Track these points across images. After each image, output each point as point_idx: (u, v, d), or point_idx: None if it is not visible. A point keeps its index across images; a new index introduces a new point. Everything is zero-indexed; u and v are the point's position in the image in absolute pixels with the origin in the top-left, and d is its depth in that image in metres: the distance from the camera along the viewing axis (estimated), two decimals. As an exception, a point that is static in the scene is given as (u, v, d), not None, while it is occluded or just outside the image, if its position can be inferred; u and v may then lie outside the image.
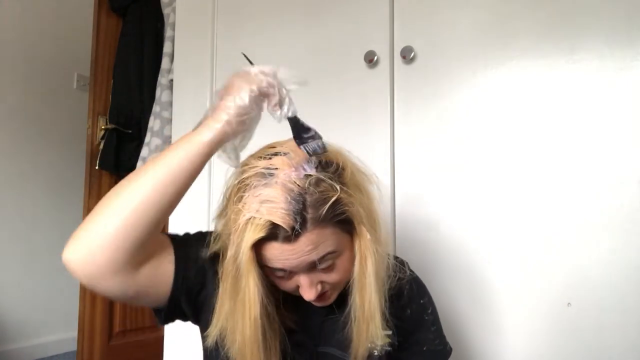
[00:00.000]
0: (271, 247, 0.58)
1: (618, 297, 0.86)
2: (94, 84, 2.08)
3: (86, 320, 1.98)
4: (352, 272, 0.64)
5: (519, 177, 0.95)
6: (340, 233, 0.61)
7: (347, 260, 0.63)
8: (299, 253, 0.58)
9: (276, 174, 0.59)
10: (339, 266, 0.63)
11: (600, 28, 0.90)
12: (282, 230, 0.57)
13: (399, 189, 1.07)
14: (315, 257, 0.59)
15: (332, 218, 0.59)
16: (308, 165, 0.60)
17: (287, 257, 0.59)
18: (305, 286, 0.62)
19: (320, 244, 0.59)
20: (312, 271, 0.61)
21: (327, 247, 0.60)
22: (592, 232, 0.88)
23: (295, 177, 0.58)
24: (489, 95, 0.99)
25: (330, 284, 0.64)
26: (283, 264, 0.60)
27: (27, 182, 2.33)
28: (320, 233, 0.59)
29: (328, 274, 0.63)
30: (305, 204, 0.57)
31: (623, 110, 0.88)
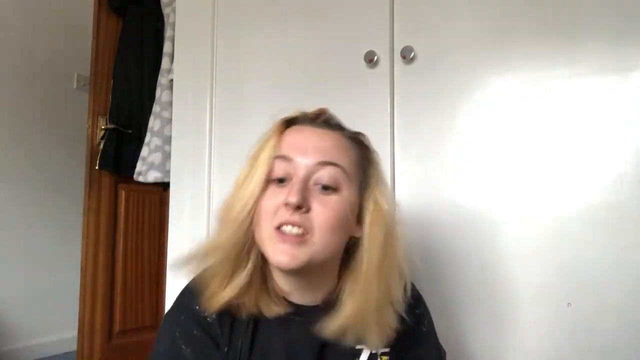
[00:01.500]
0: (299, 129, 0.62)
1: (618, 297, 0.86)
2: (94, 84, 2.08)
3: (86, 320, 1.99)
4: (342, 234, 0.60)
5: (519, 177, 0.95)
6: (356, 177, 0.62)
7: (343, 210, 0.59)
8: (320, 142, 0.60)
9: None
10: (338, 202, 0.59)
11: (601, 28, 0.90)
12: (324, 116, 0.63)
13: (399, 189, 1.07)
14: (329, 154, 0.59)
15: (362, 160, 0.64)
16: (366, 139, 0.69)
17: (303, 137, 0.60)
18: (295, 186, 0.57)
19: (340, 151, 0.61)
20: (310, 179, 0.59)
21: (344, 161, 0.60)
22: (592, 232, 0.88)
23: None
24: (489, 95, 0.99)
25: (318, 217, 0.57)
26: (294, 146, 0.60)
27: (27, 182, 2.34)
28: (349, 146, 0.62)
29: (325, 198, 0.58)
30: (358, 135, 0.67)
31: (623, 110, 0.88)
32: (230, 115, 1.32)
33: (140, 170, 1.96)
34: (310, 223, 0.57)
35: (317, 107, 0.65)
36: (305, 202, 0.57)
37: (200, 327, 0.61)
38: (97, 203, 2.05)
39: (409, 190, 1.06)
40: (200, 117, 1.35)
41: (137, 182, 2.02)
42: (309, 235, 0.57)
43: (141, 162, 1.97)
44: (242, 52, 1.31)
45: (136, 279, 2.17)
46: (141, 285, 2.18)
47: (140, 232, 2.19)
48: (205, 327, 0.61)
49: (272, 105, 1.25)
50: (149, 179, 1.92)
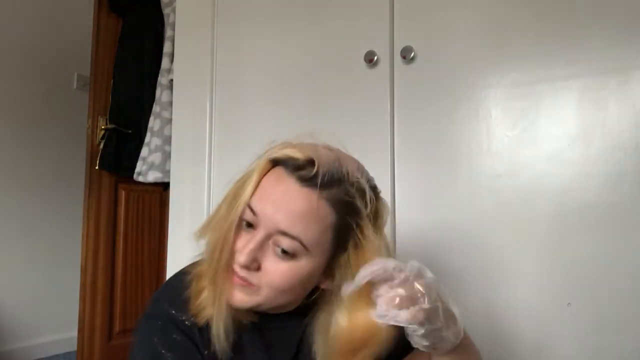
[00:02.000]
0: (281, 176, 0.56)
1: (618, 297, 0.86)
2: (94, 84, 2.08)
3: (86, 320, 1.99)
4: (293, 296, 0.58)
5: (518, 177, 0.95)
6: (328, 244, 0.56)
7: (304, 275, 0.56)
8: (287, 205, 0.54)
9: (343, 153, 0.60)
10: (293, 268, 0.56)
11: (601, 28, 0.90)
12: (309, 168, 0.55)
13: (399, 189, 1.07)
14: (289, 226, 0.54)
15: (342, 220, 0.56)
16: (367, 182, 0.59)
17: (275, 195, 0.55)
18: (247, 247, 0.55)
19: (309, 220, 0.54)
20: (268, 239, 0.56)
21: (307, 235, 0.54)
22: (592, 232, 0.88)
23: (352, 168, 0.58)
24: (489, 94, 0.99)
25: (266, 278, 0.56)
26: (262, 203, 0.55)
27: (27, 182, 2.34)
28: (323, 213, 0.55)
29: (278, 262, 0.56)
30: (340, 183, 0.56)
31: (623, 109, 0.88)
32: (230, 115, 1.32)
33: (140, 170, 1.96)
34: (257, 280, 0.57)
35: (311, 154, 0.55)
36: (255, 262, 0.56)
37: (180, 331, 0.60)
38: (97, 203, 2.05)
39: (409, 190, 1.06)
40: (200, 117, 1.35)
41: (137, 182, 2.02)
42: (255, 288, 0.57)
43: (141, 162, 1.97)
44: (242, 52, 1.31)
45: (136, 279, 2.17)
46: (141, 285, 2.18)
47: (140, 232, 2.19)
48: (184, 330, 0.60)
49: (272, 105, 1.25)
50: (149, 179, 1.93)
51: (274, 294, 0.57)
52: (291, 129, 1.18)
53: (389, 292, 0.50)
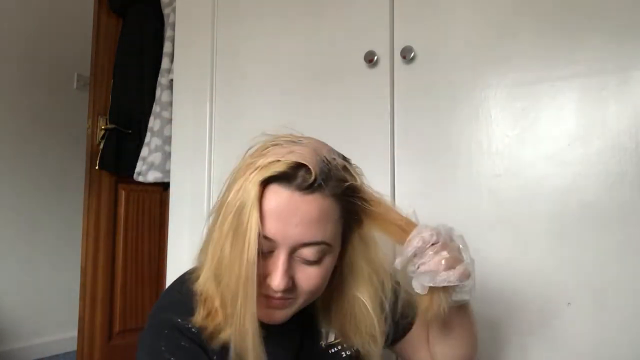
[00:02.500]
0: (279, 193, 0.53)
1: (618, 297, 0.86)
2: (94, 84, 2.08)
3: (86, 320, 1.99)
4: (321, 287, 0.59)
5: (518, 177, 0.95)
6: (340, 232, 0.59)
7: (331, 266, 0.59)
8: (301, 217, 0.53)
9: (308, 143, 0.59)
10: (324, 267, 0.57)
11: (601, 28, 0.90)
12: (302, 174, 0.53)
13: (399, 189, 1.07)
14: (311, 235, 0.54)
15: (346, 207, 0.57)
16: (338, 155, 0.60)
17: (284, 214, 0.53)
18: (279, 269, 0.55)
19: (325, 221, 0.55)
20: (294, 253, 0.56)
21: (327, 234, 0.56)
22: (592, 232, 0.88)
23: (327, 152, 0.58)
24: (489, 94, 0.99)
25: (303, 287, 0.57)
26: (274, 227, 0.53)
27: (27, 182, 2.34)
28: (333, 208, 0.56)
29: (310, 269, 0.57)
30: (330, 173, 0.56)
31: (623, 109, 0.88)
32: (230, 115, 1.32)
33: (140, 170, 1.96)
34: (294, 293, 0.58)
35: (296, 159, 0.54)
36: (289, 281, 0.56)
37: (186, 337, 0.60)
38: (97, 203, 2.05)
39: (409, 190, 1.06)
40: (200, 117, 1.35)
41: (137, 182, 2.02)
42: (293, 299, 0.59)
43: (141, 162, 1.97)
44: (242, 52, 1.31)
45: (136, 279, 2.17)
46: (141, 285, 2.18)
47: (140, 232, 2.19)
48: (191, 337, 0.60)
49: (271, 105, 1.25)
50: (149, 179, 1.93)
51: (310, 296, 0.60)
52: (291, 129, 1.18)
53: (434, 257, 0.55)
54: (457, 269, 0.56)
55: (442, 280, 0.55)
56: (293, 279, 0.57)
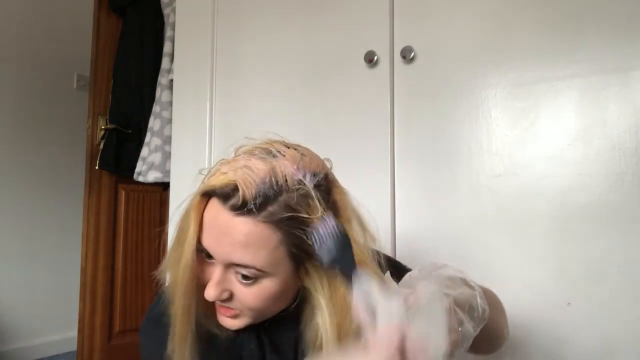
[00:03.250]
0: (215, 207, 0.53)
1: (618, 297, 0.86)
2: (94, 84, 2.08)
3: (86, 320, 1.99)
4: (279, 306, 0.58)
5: (518, 177, 0.95)
6: (285, 258, 0.54)
7: (276, 290, 0.56)
8: (230, 237, 0.52)
9: (278, 158, 0.54)
10: (261, 289, 0.55)
11: (601, 28, 0.90)
12: (236, 196, 0.51)
13: (399, 189, 1.07)
14: (238, 258, 0.53)
15: (290, 235, 0.52)
16: (310, 177, 0.54)
17: (216, 230, 0.53)
18: (212, 280, 0.55)
19: (255, 246, 0.52)
20: (229, 269, 0.55)
21: (258, 260, 0.52)
22: (592, 232, 0.88)
23: (290, 172, 0.53)
24: (489, 94, 0.99)
25: (240, 302, 0.56)
26: (207, 240, 0.54)
27: (27, 182, 2.34)
28: (266, 235, 0.52)
29: (244, 288, 0.55)
30: (277, 198, 0.52)
31: (623, 109, 0.88)
32: (230, 115, 1.32)
33: (140, 170, 1.96)
34: (237, 304, 0.57)
35: (236, 178, 0.52)
36: (225, 292, 0.56)
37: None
38: (97, 203, 2.05)
39: (409, 189, 1.06)
40: (200, 117, 1.35)
41: (137, 182, 2.02)
42: (240, 312, 0.58)
43: (141, 162, 1.97)
44: (242, 52, 1.31)
45: (136, 279, 2.17)
46: (141, 285, 2.18)
47: (140, 232, 2.19)
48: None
49: (271, 105, 1.25)
50: (149, 179, 1.93)
51: (256, 313, 0.58)
52: (291, 129, 1.18)
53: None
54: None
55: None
56: (231, 292, 0.56)
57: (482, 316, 0.51)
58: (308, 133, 1.17)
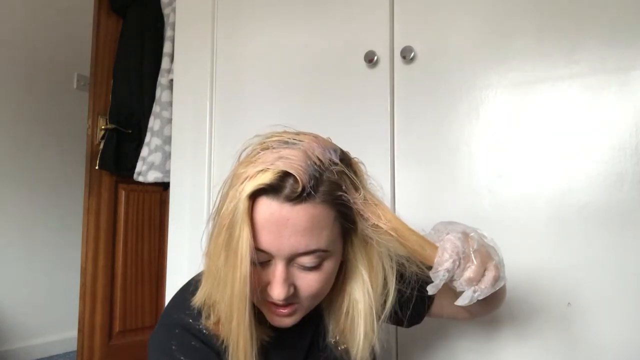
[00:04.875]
0: (268, 205, 0.52)
1: (618, 297, 0.86)
2: (94, 84, 2.08)
3: (86, 320, 1.99)
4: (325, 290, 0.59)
5: (518, 176, 0.95)
6: (339, 234, 0.57)
7: (334, 269, 0.58)
8: (292, 227, 0.52)
9: (302, 142, 0.55)
10: (324, 272, 0.57)
11: (601, 28, 0.90)
12: (290, 184, 0.51)
13: (399, 189, 1.07)
14: (305, 245, 0.53)
15: (341, 210, 0.55)
16: (334, 153, 0.56)
17: (275, 226, 0.52)
18: (277, 279, 0.55)
19: (318, 228, 0.53)
20: (292, 262, 0.55)
21: (322, 241, 0.54)
22: (592, 232, 0.88)
23: (320, 152, 0.54)
24: (489, 94, 0.99)
25: (304, 292, 0.57)
26: (267, 240, 0.53)
27: (27, 182, 2.34)
28: (325, 214, 0.54)
29: (309, 275, 0.56)
30: (322, 177, 0.53)
31: (623, 109, 0.88)
32: (230, 115, 1.32)
33: (140, 170, 1.96)
34: (296, 299, 0.58)
35: (284, 167, 0.52)
36: (289, 289, 0.56)
37: (197, 339, 0.60)
38: (97, 203, 2.05)
39: (409, 190, 1.06)
40: (200, 117, 1.35)
41: (137, 182, 2.02)
42: (299, 305, 0.59)
43: (141, 162, 1.97)
44: (242, 52, 1.31)
45: (136, 279, 2.17)
46: (141, 285, 2.18)
47: (140, 232, 2.19)
48: (202, 338, 0.60)
49: (272, 105, 1.25)
50: (149, 179, 1.93)
51: (315, 300, 0.60)
52: (284, 126, 1.18)
53: (462, 274, 0.54)
54: (487, 278, 0.54)
55: (477, 297, 0.54)
56: (294, 285, 0.57)
57: (502, 264, 0.57)
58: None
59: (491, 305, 0.76)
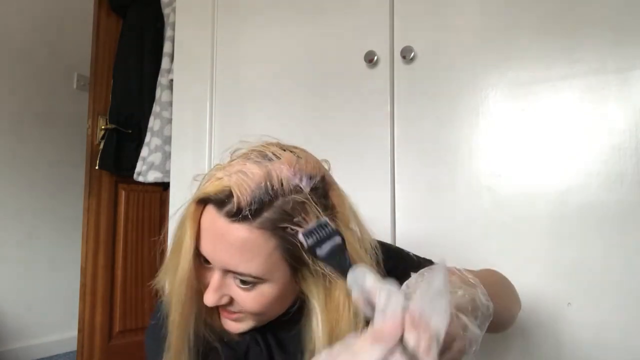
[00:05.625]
0: (210, 214, 0.53)
1: (618, 297, 0.86)
2: (94, 84, 2.08)
3: (86, 320, 1.99)
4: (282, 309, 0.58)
5: (517, 176, 0.95)
6: (282, 263, 0.53)
7: (275, 295, 0.55)
8: (226, 243, 0.51)
9: (274, 162, 0.53)
10: (259, 294, 0.55)
11: (601, 28, 0.90)
12: (232, 203, 0.50)
13: (399, 189, 1.07)
14: (234, 265, 0.52)
15: (286, 240, 0.52)
16: (307, 180, 0.53)
17: (212, 236, 0.52)
18: (210, 286, 0.55)
19: (249, 253, 0.51)
20: (227, 274, 0.55)
21: (252, 267, 0.52)
22: (592, 232, 0.88)
23: (286, 176, 0.52)
24: (489, 94, 0.99)
25: (240, 306, 0.56)
26: (205, 246, 0.54)
27: (27, 182, 2.34)
28: (261, 241, 0.51)
29: (243, 293, 0.55)
30: (272, 203, 0.51)
31: (623, 109, 0.88)
32: (230, 115, 1.32)
33: (140, 170, 1.96)
34: (238, 308, 0.57)
35: (231, 184, 0.51)
36: (224, 297, 0.56)
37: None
38: (97, 203, 2.05)
39: (409, 189, 1.06)
40: (200, 117, 1.35)
41: (137, 182, 2.02)
42: (244, 315, 0.58)
43: (141, 162, 1.97)
44: (242, 52, 1.31)
45: (136, 279, 2.17)
46: (141, 285, 2.18)
47: (140, 232, 2.19)
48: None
49: (272, 105, 1.25)
50: (149, 179, 1.93)
51: (258, 316, 0.58)
52: (291, 129, 1.18)
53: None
54: None
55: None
56: (230, 297, 0.56)
57: (487, 312, 0.50)
58: (308, 133, 1.17)
59: (494, 329, 0.68)
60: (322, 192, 0.54)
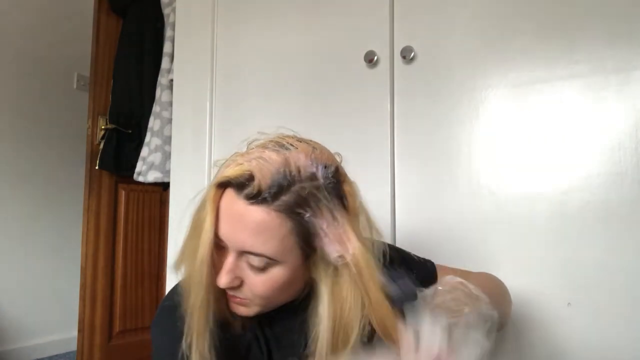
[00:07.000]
0: (230, 197, 0.55)
1: (618, 297, 0.86)
2: (94, 84, 2.08)
3: (86, 320, 1.99)
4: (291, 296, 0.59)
5: (517, 176, 0.95)
6: (295, 247, 0.55)
7: (285, 279, 0.57)
8: (244, 224, 0.54)
9: (291, 151, 0.56)
10: (270, 277, 0.57)
11: (601, 28, 0.90)
12: (251, 185, 0.53)
13: (399, 189, 1.07)
14: (249, 246, 0.54)
15: (300, 224, 0.54)
16: (322, 169, 0.55)
17: (231, 218, 0.54)
18: (224, 267, 0.56)
19: (266, 234, 0.54)
20: (241, 257, 0.57)
21: (268, 248, 0.54)
22: (592, 232, 0.88)
23: (303, 164, 0.54)
24: (489, 94, 0.99)
25: (249, 290, 0.58)
26: (223, 228, 0.55)
27: (27, 182, 2.34)
28: (277, 223, 0.53)
29: (255, 276, 0.57)
30: (290, 188, 0.53)
31: (623, 109, 0.88)
32: (230, 115, 1.32)
33: (140, 170, 1.96)
34: (245, 294, 0.59)
35: (251, 168, 0.54)
36: (236, 280, 0.57)
37: None
38: (97, 203, 2.05)
39: (409, 189, 1.06)
40: (200, 117, 1.35)
41: (137, 182, 2.02)
42: (249, 301, 0.60)
43: (141, 162, 1.97)
44: (242, 52, 1.31)
45: (136, 279, 2.17)
46: (141, 285, 2.18)
47: (140, 232, 2.19)
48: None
49: (272, 105, 1.25)
50: (149, 179, 1.93)
51: (265, 301, 0.60)
52: (291, 129, 1.18)
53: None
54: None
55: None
56: (242, 280, 0.58)
57: (492, 322, 0.54)
58: (308, 133, 1.17)
59: None
60: (336, 182, 0.57)
